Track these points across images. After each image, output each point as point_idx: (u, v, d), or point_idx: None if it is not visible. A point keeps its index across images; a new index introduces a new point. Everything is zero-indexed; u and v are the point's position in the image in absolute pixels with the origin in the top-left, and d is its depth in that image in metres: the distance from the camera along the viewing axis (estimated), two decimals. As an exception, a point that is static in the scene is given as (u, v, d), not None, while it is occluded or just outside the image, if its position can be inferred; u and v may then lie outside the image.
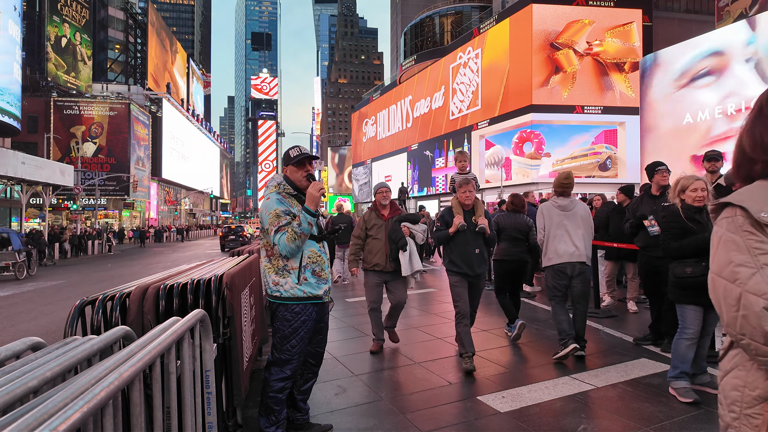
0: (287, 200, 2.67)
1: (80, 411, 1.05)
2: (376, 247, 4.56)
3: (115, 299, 2.43)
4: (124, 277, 13.01)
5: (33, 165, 20.30)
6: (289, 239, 2.54)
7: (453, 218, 4.12)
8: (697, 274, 3.30)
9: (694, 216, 3.39)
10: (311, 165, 2.79)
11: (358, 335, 5.43)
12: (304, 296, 2.65)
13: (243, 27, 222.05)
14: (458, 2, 55.94)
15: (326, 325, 2.95)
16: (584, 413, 3.12)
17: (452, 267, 4.18)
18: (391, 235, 4.49)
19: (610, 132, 26.30)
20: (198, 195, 67.60)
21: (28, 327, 6.90)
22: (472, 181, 4.25)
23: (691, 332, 3.33)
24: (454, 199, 4.32)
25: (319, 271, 2.71)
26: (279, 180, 2.77)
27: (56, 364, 1.34)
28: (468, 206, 4.21)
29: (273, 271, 2.66)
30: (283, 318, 2.66)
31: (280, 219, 2.58)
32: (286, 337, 2.65)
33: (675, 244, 3.41)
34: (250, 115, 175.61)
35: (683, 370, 3.32)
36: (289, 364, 2.65)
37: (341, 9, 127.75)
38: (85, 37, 42.59)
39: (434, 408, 3.29)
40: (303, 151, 2.78)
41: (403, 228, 4.48)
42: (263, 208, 2.68)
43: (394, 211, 4.68)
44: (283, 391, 2.66)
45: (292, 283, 2.63)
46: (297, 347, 2.66)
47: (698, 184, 3.41)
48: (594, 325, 5.48)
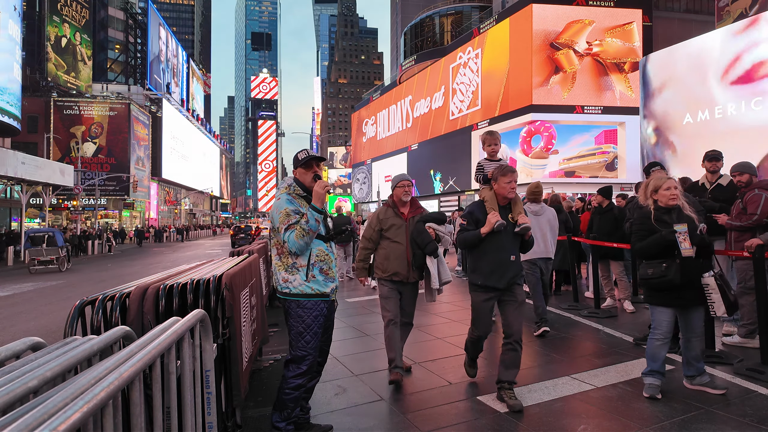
0: (297, 201, 2.78)
1: (80, 411, 1.05)
2: (395, 252, 3.77)
3: (115, 299, 2.43)
4: (124, 277, 13.01)
5: (33, 165, 20.30)
6: (298, 236, 2.65)
7: (486, 215, 3.32)
8: (656, 275, 3.29)
9: (663, 217, 3.36)
10: (318, 166, 2.90)
11: (358, 335, 5.43)
12: (312, 293, 2.73)
13: (243, 27, 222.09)
14: (458, 2, 55.95)
15: (332, 324, 3.01)
16: (584, 413, 3.12)
17: (478, 279, 3.38)
18: (416, 238, 3.73)
19: (610, 132, 26.29)
20: (198, 195, 67.61)
21: (28, 327, 6.89)
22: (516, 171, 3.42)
23: (659, 333, 3.37)
24: (486, 191, 3.48)
25: (326, 269, 2.80)
26: (289, 182, 2.90)
27: (56, 364, 1.34)
28: (506, 201, 3.39)
29: (283, 269, 2.76)
30: (296, 315, 2.74)
31: (290, 217, 2.69)
32: (301, 333, 2.73)
33: (637, 246, 3.45)
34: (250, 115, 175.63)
35: (652, 369, 3.39)
36: (305, 360, 2.73)
37: (341, 9, 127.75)
38: (85, 37, 42.58)
39: (434, 408, 3.29)
40: (310, 153, 2.89)
41: (429, 230, 3.77)
42: (274, 208, 2.79)
43: (415, 210, 3.92)
44: (299, 389, 2.72)
45: (301, 279, 2.72)
46: (311, 342, 2.74)
47: (671, 182, 3.38)
48: (594, 325, 5.48)
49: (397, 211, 3.88)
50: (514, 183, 3.33)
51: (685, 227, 3.18)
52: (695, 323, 3.37)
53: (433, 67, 37.50)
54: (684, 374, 3.51)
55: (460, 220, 3.64)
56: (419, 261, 3.76)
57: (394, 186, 3.94)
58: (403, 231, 3.80)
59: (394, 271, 3.77)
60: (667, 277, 3.23)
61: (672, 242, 3.21)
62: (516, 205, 3.43)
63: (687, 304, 3.33)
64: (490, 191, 3.43)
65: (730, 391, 3.40)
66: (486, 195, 3.45)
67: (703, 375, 3.44)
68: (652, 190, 3.45)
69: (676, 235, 3.18)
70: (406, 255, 3.76)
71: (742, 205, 4.36)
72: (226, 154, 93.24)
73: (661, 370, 3.37)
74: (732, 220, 4.43)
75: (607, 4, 26.32)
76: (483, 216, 3.35)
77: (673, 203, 3.34)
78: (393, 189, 3.95)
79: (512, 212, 3.40)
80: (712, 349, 4.14)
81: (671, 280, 3.21)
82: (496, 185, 3.37)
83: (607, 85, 26.33)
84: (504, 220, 3.28)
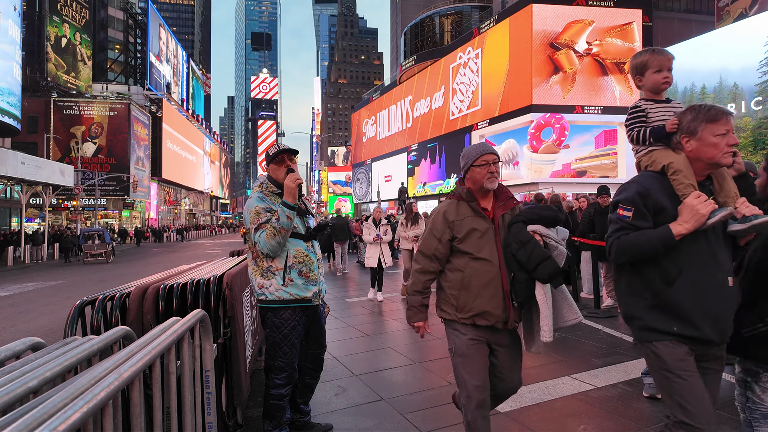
0: (269, 198, 2.61)
1: (80, 411, 1.05)
2: (481, 278, 2.17)
3: (115, 299, 2.43)
4: (124, 277, 13.01)
5: (33, 165, 20.29)
6: (269, 235, 2.45)
7: (676, 200, 1.78)
8: None
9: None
10: (291, 160, 2.71)
11: (358, 335, 5.43)
12: (290, 299, 2.53)
13: (243, 27, 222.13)
14: (458, 2, 55.97)
15: (323, 329, 2.85)
16: (584, 413, 3.12)
17: (665, 323, 1.77)
18: (515, 253, 2.13)
19: (610, 132, 26.28)
20: (198, 195, 67.62)
21: (28, 327, 6.89)
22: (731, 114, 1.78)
23: None
24: (670, 154, 1.85)
25: (306, 272, 2.58)
26: (262, 180, 2.73)
27: (56, 365, 1.34)
28: (708, 171, 1.82)
29: (258, 274, 2.56)
30: (272, 324, 2.57)
31: (260, 216, 2.51)
32: (277, 344, 2.57)
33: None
34: (250, 115, 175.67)
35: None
36: (283, 371, 2.59)
37: (341, 9, 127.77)
38: (85, 37, 42.58)
39: (434, 408, 3.29)
40: (280, 147, 2.71)
41: (535, 236, 2.17)
42: (245, 209, 2.63)
43: (506, 203, 2.30)
44: (283, 398, 2.61)
45: (277, 284, 2.52)
46: (290, 353, 2.58)
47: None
48: (594, 325, 5.49)
49: (476, 207, 2.26)
50: (733, 133, 1.76)
51: None
52: None
53: (433, 67, 37.49)
54: None
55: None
56: (524, 293, 2.15)
57: (469, 164, 2.28)
58: (492, 239, 2.21)
59: (482, 310, 2.17)
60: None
61: None
62: (726, 182, 1.84)
63: None
64: (680, 154, 1.83)
65: (730, 391, 3.39)
66: (674, 161, 1.82)
67: None
68: None
69: None
70: (501, 281, 2.17)
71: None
72: (226, 154, 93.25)
73: None
74: None
75: (607, 4, 26.32)
76: (671, 201, 1.78)
77: None
78: (467, 169, 2.30)
79: (718, 193, 1.84)
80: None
81: None
82: (693, 142, 1.78)
83: (607, 85, 26.33)
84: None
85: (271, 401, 2.61)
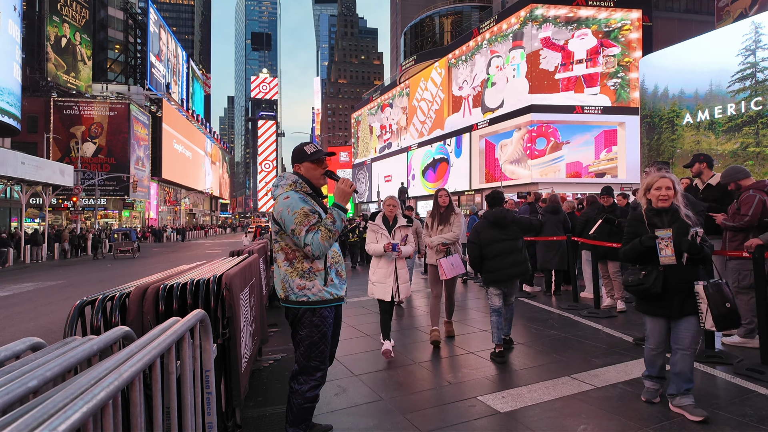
0: (309, 199, 2.54)
1: (80, 411, 1.05)
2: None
3: (115, 299, 2.43)
4: (124, 277, 13.00)
5: (33, 165, 20.28)
6: (324, 238, 2.40)
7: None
8: (634, 283, 3.07)
9: (653, 219, 3.06)
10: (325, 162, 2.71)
11: (358, 335, 5.43)
12: (331, 298, 2.54)
13: (243, 27, 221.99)
14: (458, 2, 55.98)
15: (339, 326, 2.85)
16: (584, 413, 3.12)
17: None
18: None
19: (610, 132, 26.30)
20: (198, 195, 67.60)
21: (28, 327, 6.89)
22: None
23: (651, 342, 3.15)
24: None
25: (341, 271, 2.64)
26: (294, 178, 2.59)
27: (56, 365, 1.34)
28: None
29: (297, 275, 2.50)
30: (311, 324, 2.52)
31: (310, 218, 2.42)
32: (316, 343, 2.52)
33: (621, 249, 3.23)
34: (250, 115, 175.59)
35: (650, 374, 3.23)
36: (319, 370, 2.55)
37: (341, 9, 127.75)
38: (85, 37, 42.58)
39: (434, 408, 3.29)
40: (319, 147, 2.68)
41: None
42: (285, 208, 2.46)
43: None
44: (315, 400, 2.57)
45: (320, 285, 2.50)
46: (325, 352, 2.57)
47: (663, 182, 3.03)
48: (594, 325, 5.48)
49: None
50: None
51: (669, 233, 2.91)
52: (682, 335, 3.00)
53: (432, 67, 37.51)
54: (666, 392, 3.16)
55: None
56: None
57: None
58: None
59: None
60: (644, 285, 3.01)
61: (651, 248, 2.97)
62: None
63: (673, 315, 3.02)
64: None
65: (730, 391, 3.40)
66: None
67: (685, 396, 3.01)
68: (645, 188, 3.16)
69: (657, 242, 2.94)
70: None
71: (737, 206, 4.38)
72: (226, 154, 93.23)
73: (660, 374, 3.21)
74: (726, 220, 4.45)
75: (607, 4, 26.32)
76: None
77: (662, 205, 3.04)
78: None
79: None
80: (711, 349, 4.14)
81: (648, 289, 2.99)
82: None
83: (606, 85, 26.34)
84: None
85: (304, 405, 2.51)
